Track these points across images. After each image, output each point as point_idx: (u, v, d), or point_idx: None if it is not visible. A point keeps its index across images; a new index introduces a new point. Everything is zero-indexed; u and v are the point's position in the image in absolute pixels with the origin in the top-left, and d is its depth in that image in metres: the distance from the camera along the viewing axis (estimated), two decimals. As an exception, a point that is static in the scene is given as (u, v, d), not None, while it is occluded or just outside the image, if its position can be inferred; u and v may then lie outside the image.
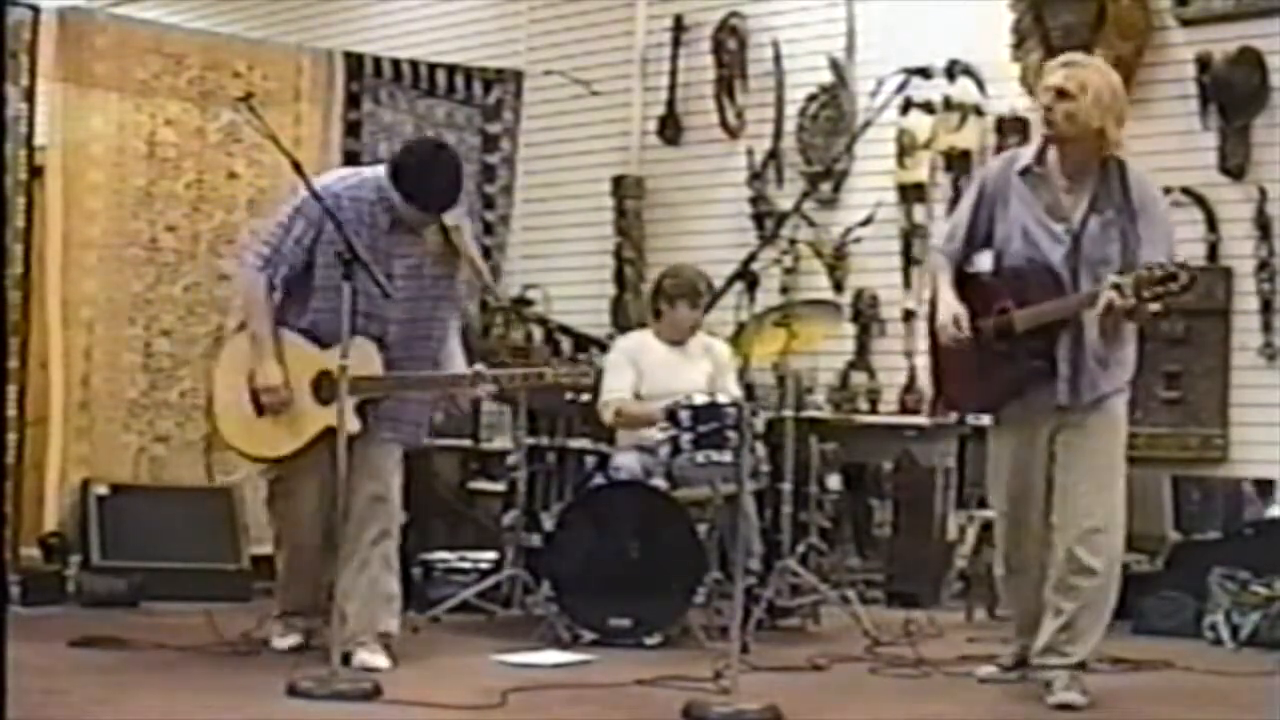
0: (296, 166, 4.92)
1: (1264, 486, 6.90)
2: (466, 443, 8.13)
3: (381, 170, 5.11)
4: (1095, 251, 4.69)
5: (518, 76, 8.48)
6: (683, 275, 6.54)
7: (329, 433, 4.83)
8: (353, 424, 4.88)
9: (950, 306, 4.88)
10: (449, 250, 5.17)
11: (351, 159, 7.37)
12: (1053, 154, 4.81)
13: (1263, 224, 7.09)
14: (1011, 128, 7.72)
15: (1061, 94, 4.68)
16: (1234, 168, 7.13)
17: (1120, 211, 4.67)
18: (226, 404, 5.14)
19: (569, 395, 6.40)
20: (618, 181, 8.93)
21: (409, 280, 5.07)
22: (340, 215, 4.88)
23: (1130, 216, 4.67)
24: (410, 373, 5.11)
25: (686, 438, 5.90)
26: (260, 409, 5.06)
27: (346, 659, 4.83)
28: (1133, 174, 4.72)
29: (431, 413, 5.47)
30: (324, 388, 4.97)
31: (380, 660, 5.03)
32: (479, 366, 5.26)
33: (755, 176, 8.46)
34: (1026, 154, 4.91)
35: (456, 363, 5.25)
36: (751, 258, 4.70)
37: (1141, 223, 4.67)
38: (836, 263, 8.13)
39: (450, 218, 5.13)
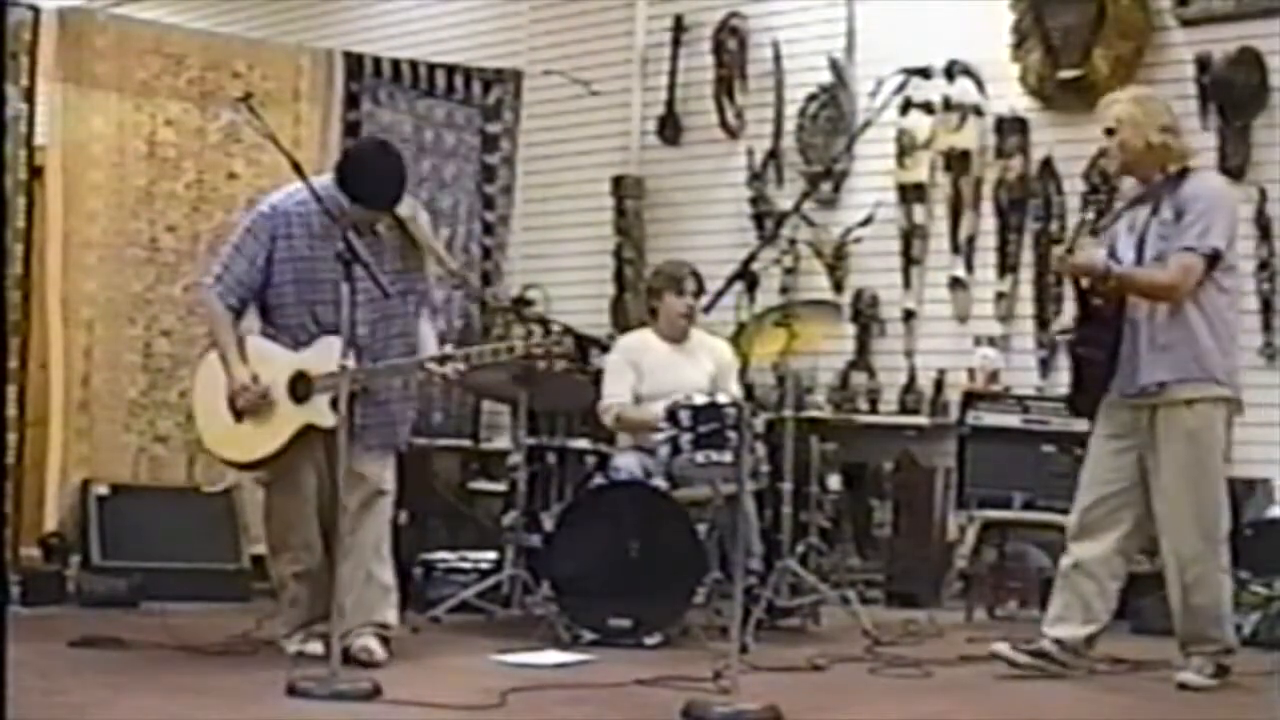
0: (296, 167, 4.94)
1: (1264, 486, 6.89)
2: (466, 443, 8.14)
3: (326, 178, 5.17)
4: (1152, 250, 5.15)
5: (517, 76, 8.48)
6: (665, 268, 6.70)
7: (308, 430, 5.02)
8: (328, 418, 4.94)
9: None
10: (408, 244, 5.23)
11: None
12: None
13: (1263, 224, 7.09)
14: (1011, 128, 7.73)
15: (1109, 133, 5.25)
16: (1234, 168, 7.11)
17: (1174, 213, 5.16)
18: (207, 417, 5.22)
19: (559, 365, 6.44)
20: (618, 181, 8.92)
21: (368, 281, 5.02)
22: (290, 231, 5.07)
23: (1177, 216, 5.13)
24: (380, 364, 5.14)
25: (686, 438, 5.89)
26: (239, 415, 5.11)
27: (347, 657, 4.83)
28: (1190, 179, 5.19)
29: (413, 409, 5.47)
30: (299, 388, 5.06)
31: (376, 646, 5.03)
32: (447, 347, 5.42)
33: (755, 176, 8.45)
34: None
35: (429, 347, 5.31)
36: (751, 258, 4.72)
37: (1184, 220, 5.13)
38: (836, 263, 8.13)
39: (404, 209, 5.19)
